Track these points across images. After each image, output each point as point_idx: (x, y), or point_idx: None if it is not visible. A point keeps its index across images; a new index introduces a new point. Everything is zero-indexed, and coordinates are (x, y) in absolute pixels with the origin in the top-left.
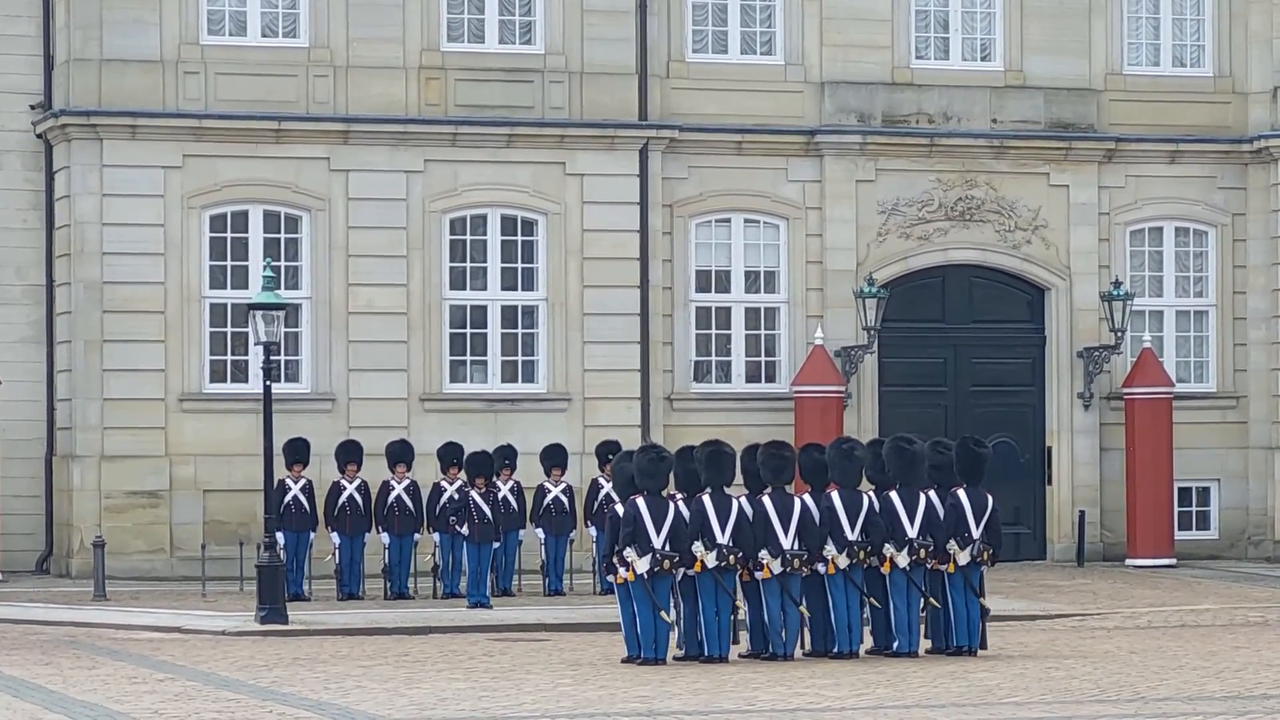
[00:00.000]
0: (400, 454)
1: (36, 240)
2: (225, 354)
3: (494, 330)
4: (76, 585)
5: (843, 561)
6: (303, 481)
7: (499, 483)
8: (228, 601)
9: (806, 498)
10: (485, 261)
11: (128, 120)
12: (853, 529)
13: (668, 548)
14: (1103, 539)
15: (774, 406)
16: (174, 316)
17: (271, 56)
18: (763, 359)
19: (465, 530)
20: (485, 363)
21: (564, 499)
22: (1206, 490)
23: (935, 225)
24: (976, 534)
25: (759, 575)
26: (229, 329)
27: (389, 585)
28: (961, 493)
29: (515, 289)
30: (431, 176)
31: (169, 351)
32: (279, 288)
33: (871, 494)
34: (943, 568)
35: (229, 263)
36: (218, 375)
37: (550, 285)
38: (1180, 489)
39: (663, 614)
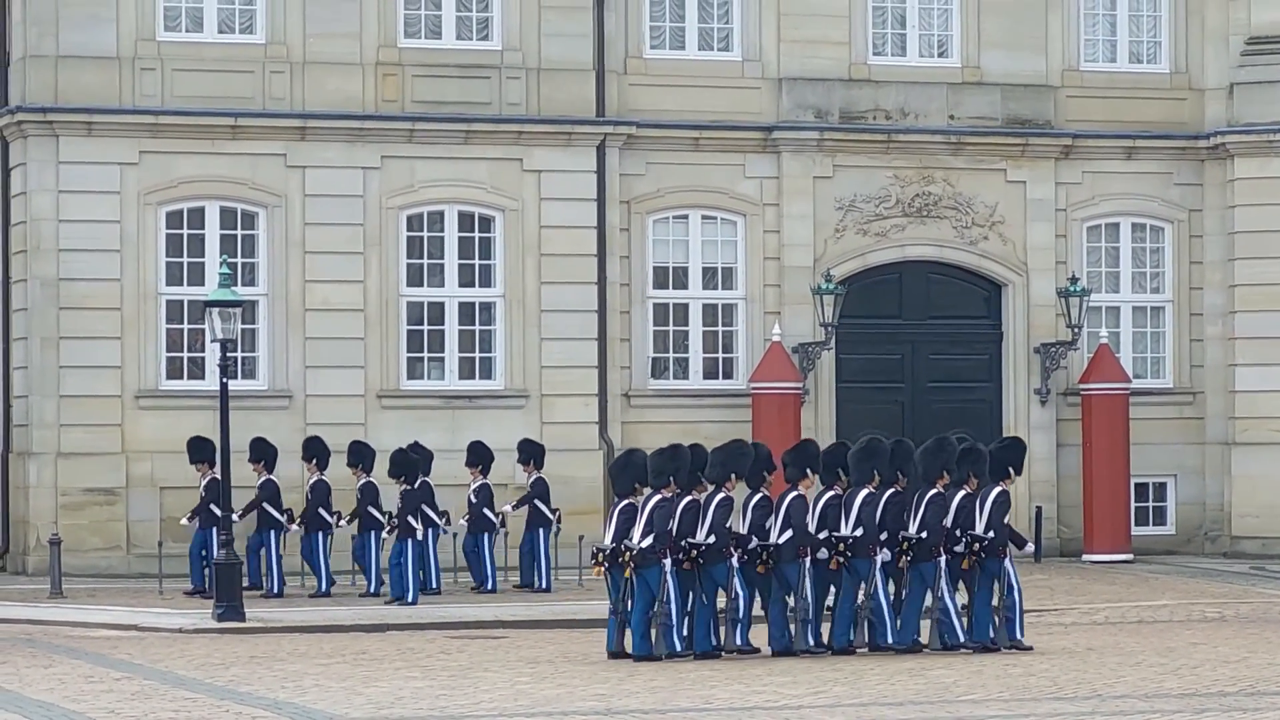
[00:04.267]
0: (313, 451)
1: None
2: (182, 351)
3: (451, 327)
4: (33, 583)
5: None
6: (207, 479)
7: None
8: (185, 599)
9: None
10: (442, 258)
11: (84, 117)
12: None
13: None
14: (1060, 534)
15: (731, 403)
16: (130, 313)
17: (228, 53)
18: (720, 355)
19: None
20: (443, 359)
21: (474, 498)
22: (1163, 486)
23: (892, 221)
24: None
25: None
26: (185, 326)
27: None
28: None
29: (472, 285)
30: (388, 173)
31: (125, 348)
32: (235, 284)
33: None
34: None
35: (185, 259)
36: (174, 372)
37: (508, 282)
38: (1137, 484)
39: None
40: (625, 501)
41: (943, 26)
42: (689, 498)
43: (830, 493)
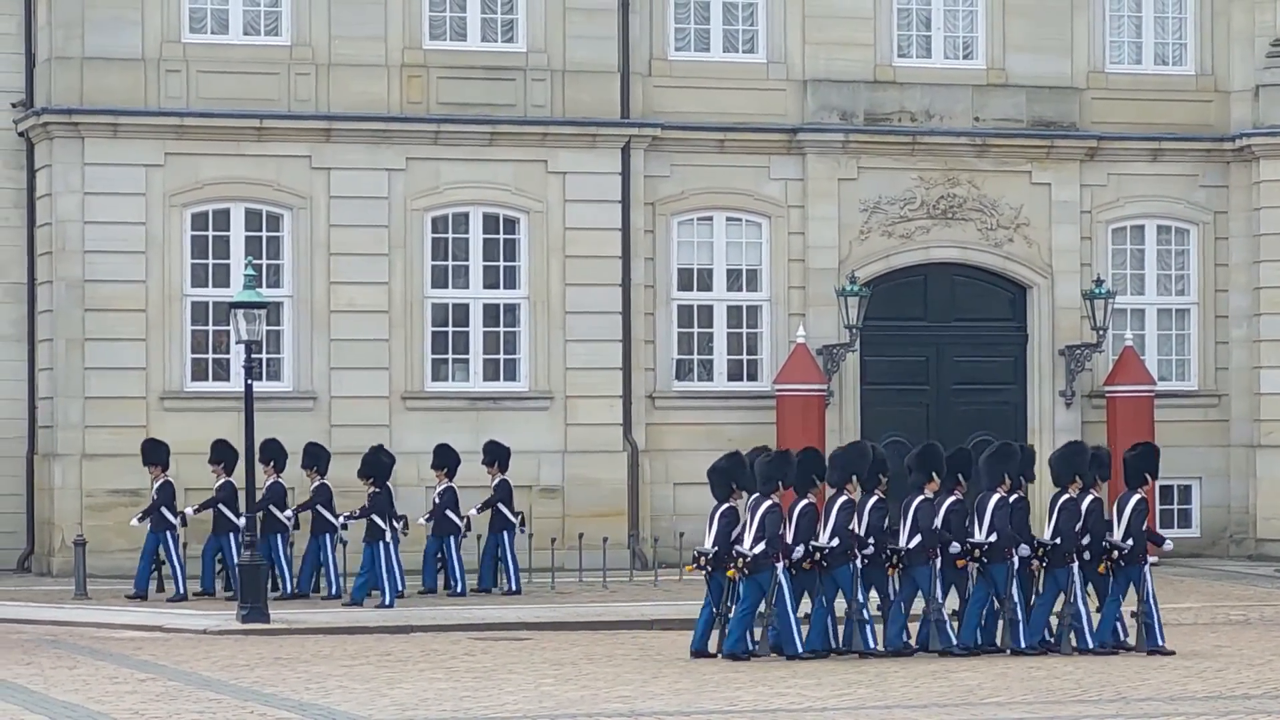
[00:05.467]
0: (270, 453)
1: (18, 238)
2: (207, 352)
3: (476, 328)
4: (58, 584)
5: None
6: (160, 482)
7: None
8: (209, 600)
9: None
10: (467, 260)
11: (109, 118)
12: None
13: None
14: None
15: (756, 405)
16: (155, 315)
17: (253, 54)
18: (745, 357)
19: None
20: (467, 361)
21: (438, 501)
22: (1188, 488)
23: (917, 223)
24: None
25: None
26: (210, 327)
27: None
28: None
29: (497, 287)
30: (413, 175)
31: (150, 350)
32: (260, 286)
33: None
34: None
35: (210, 261)
36: (199, 374)
37: (532, 283)
38: (1162, 487)
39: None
40: (725, 505)
41: (968, 28)
42: (805, 501)
43: (952, 497)
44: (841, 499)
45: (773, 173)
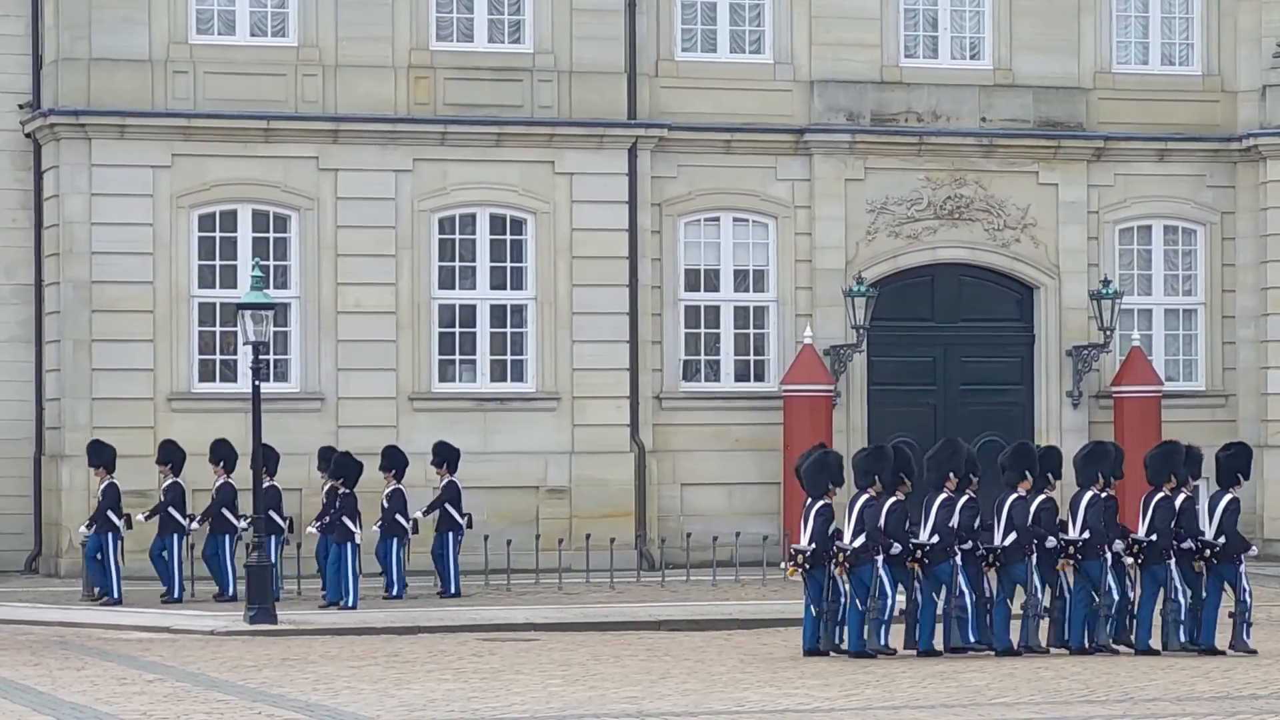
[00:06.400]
0: (220, 454)
1: (25, 240)
2: (214, 353)
3: (483, 329)
4: (65, 585)
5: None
6: (105, 483)
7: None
8: (216, 601)
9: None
10: (474, 261)
11: (116, 120)
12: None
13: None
14: None
15: (763, 405)
16: (163, 316)
17: (260, 56)
18: (752, 358)
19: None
20: (474, 362)
21: (386, 503)
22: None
23: (924, 224)
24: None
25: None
26: (218, 328)
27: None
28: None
29: (504, 288)
30: (420, 176)
31: (158, 351)
32: (268, 287)
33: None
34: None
35: (218, 262)
36: (206, 375)
37: (539, 284)
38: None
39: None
40: (821, 502)
41: (974, 29)
42: (892, 499)
43: (1042, 496)
44: (942, 496)
45: (779, 173)
